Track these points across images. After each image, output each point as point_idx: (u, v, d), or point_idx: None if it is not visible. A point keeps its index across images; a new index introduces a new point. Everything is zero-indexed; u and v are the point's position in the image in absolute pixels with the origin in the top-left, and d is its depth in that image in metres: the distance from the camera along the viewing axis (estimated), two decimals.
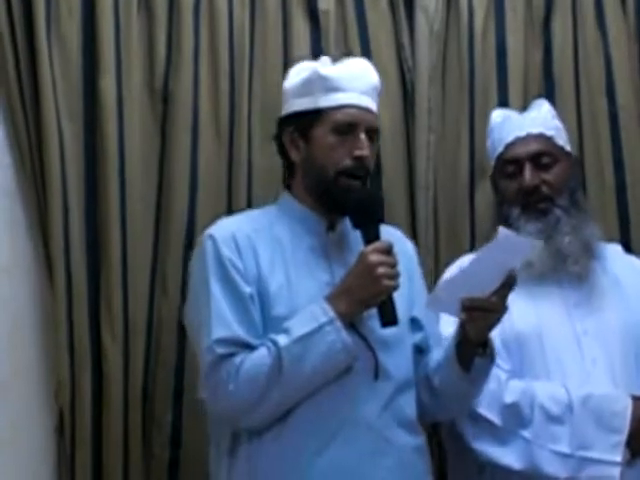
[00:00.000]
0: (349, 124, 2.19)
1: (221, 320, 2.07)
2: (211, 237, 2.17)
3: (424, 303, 2.22)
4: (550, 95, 2.84)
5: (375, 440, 2.10)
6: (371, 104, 2.24)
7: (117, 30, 2.60)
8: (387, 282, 2.05)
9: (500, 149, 2.53)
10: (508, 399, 2.28)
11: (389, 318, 2.08)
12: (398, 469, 2.11)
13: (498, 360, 2.23)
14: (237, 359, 2.05)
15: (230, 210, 2.66)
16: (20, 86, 2.54)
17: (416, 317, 2.27)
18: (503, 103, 2.80)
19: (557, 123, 2.56)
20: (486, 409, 2.29)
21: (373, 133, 2.23)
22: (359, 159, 2.17)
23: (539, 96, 2.80)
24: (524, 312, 2.30)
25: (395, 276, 2.07)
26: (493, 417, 2.29)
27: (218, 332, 2.07)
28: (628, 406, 2.25)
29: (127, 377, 2.56)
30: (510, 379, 2.32)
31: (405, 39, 2.81)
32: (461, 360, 2.15)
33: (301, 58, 2.68)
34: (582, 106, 2.87)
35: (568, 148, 2.55)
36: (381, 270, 2.04)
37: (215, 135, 2.68)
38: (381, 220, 2.15)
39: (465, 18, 2.82)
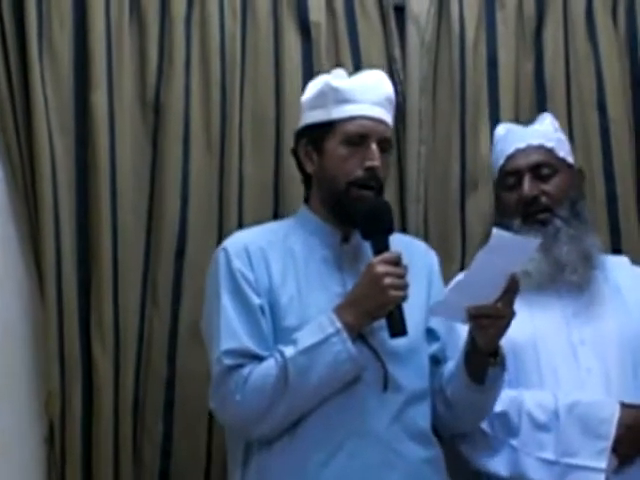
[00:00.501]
0: (360, 135, 2.19)
1: (230, 331, 2.09)
2: (224, 249, 2.19)
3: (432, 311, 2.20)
4: (541, 107, 2.84)
5: (383, 452, 2.09)
6: (384, 115, 2.24)
7: (108, 42, 2.60)
8: (394, 293, 2.04)
9: (501, 161, 2.54)
10: (497, 408, 2.28)
11: (397, 329, 2.07)
12: None
13: None
14: (245, 370, 2.06)
15: (221, 221, 2.66)
16: (12, 101, 2.54)
17: (432, 327, 2.26)
18: (494, 115, 2.80)
19: (559, 135, 2.56)
20: None
21: (386, 144, 2.23)
22: (370, 170, 2.17)
23: (530, 108, 2.81)
24: (520, 322, 2.27)
25: (403, 287, 2.06)
26: (483, 426, 2.30)
27: (227, 343, 2.08)
28: (615, 412, 2.24)
29: (117, 388, 2.55)
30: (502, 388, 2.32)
31: (396, 50, 2.80)
32: (471, 371, 2.14)
33: (292, 69, 2.71)
34: (573, 118, 2.87)
35: (570, 160, 2.55)
36: (388, 281, 2.04)
37: (206, 145, 2.67)
38: (390, 230, 2.14)
39: (456, 29, 2.82)
